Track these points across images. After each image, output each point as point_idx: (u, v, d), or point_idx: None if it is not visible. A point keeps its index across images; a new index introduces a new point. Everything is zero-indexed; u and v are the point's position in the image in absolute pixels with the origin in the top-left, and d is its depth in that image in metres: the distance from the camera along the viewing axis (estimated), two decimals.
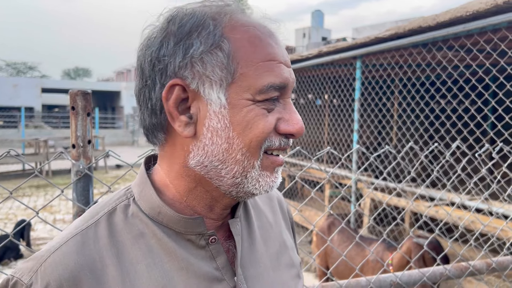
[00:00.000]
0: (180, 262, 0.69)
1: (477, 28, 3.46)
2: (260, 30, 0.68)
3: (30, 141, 14.63)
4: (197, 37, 0.65)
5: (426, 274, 1.84)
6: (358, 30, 26.65)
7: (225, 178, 0.69)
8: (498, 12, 3.26)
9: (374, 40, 4.63)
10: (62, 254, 0.66)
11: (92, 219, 0.71)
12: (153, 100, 0.69)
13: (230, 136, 0.66)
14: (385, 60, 5.04)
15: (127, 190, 0.76)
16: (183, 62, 0.65)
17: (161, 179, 0.74)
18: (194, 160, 0.69)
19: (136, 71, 0.72)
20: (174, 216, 0.70)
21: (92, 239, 0.68)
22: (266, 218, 0.89)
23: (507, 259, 2.01)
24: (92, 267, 0.66)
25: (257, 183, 0.70)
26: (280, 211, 0.94)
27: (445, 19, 3.65)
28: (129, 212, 0.72)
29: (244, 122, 0.66)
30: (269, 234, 0.86)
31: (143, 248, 0.69)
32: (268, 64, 0.66)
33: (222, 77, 0.65)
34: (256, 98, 0.66)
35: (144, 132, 0.74)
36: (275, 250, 0.85)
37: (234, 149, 0.67)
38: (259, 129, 0.66)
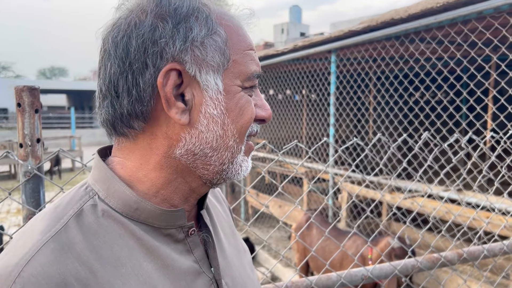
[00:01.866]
0: (163, 260, 0.66)
1: (447, 20, 3.47)
2: (239, 20, 0.70)
3: (3, 143, 14.25)
4: (195, 20, 0.64)
5: (398, 267, 1.82)
6: (336, 25, 26.80)
7: (212, 165, 0.68)
8: (468, 3, 3.27)
9: (348, 33, 4.62)
10: (40, 265, 0.55)
11: (58, 223, 0.61)
12: (140, 86, 0.62)
13: (225, 123, 0.66)
14: (359, 54, 5.04)
15: (86, 188, 0.67)
16: (184, 46, 0.63)
17: (130, 173, 0.68)
18: (183, 149, 0.66)
19: (106, 53, 0.65)
20: (155, 210, 0.66)
21: (67, 245, 0.59)
22: (217, 208, 0.88)
23: (478, 249, 2.01)
24: (77, 276, 0.57)
25: (240, 168, 0.71)
26: (223, 201, 0.94)
27: (417, 10, 3.65)
28: (98, 213, 0.64)
29: (237, 108, 0.67)
30: (224, 224, 0.86)
31: (124, 249, 0.63)
32: (250, 53, 0.69)
33: (219, 63, 0.65)
34: (244, 84, 0.67)
35: (111, 121, 0.66)
36: (231, 239, 0.85)
37: (228, 135, 0.67)
38: (248, 115, 0.68)
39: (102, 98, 0.67)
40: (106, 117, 0.67)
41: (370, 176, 1.94)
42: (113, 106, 0.65)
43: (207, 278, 0.71)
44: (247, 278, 0.81)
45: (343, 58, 5.51)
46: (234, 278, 0.77)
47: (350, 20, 27.72)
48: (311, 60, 5.95)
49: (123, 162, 0.69)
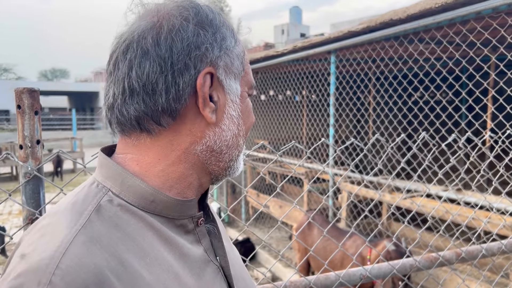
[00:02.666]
0: (179, 249, 0.69)
1: (446, 20, 3.48)
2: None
3: (5, 145, 14.27)
4: (226, 31, 0.72)
5: (396, 266, 1.83)
6: (336, 26, 26.79)
7: (223, 162, 0.75)
8: (466, 4, 3.28)
9: (347, 34, 4.63)
10: (77, 257, 0.56)
11: (80, 218, 0.62)
12: (180, 85, 0.67)
13: (240, 124, 0.75)
14: (358, 54, 5.05)
15: (98, 185, 0.68)
16: (219, 53, 0.70)
17: (145, 169, 0.70)
18: (205, 145, 0.71)
19: (144, 53, 0.66)
20: (171, 201, 0.69)
21: (95, 238, 0.60)
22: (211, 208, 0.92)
23: (477, 248, 2.02)
24: (109, 267, 0.58)
25: (240, 165, 0.79)
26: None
27: (415, 11, 3.66)
28: (116, 207, 0.66)
29: (246, 111, 0.76)
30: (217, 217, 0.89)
31: (145, 241, 0.65)
32: (249, 66, 0.78)
33: (240, 70, 0.74)
34: (249, 92, 0.77)
35: (137, 118, 0.68)
36: (224, 232, 0.88)
37: (240, 135, 0.75)
38: (252, 117, 0.78)
39: (130, 94, 0.67)
40: (134, 114, 0.68)
41: (369, 176, 1.95)
42: (145, 102, 0.67)
43: (214, 266, 0.75)
44: (243, 268, 0.88)
45: (342, 58, 5.52)
46: (234, 266, 0.81)
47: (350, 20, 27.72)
48: (310, 61, 5.96)
49: (138, 158, 0.70)
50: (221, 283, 0.75)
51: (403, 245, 3.43)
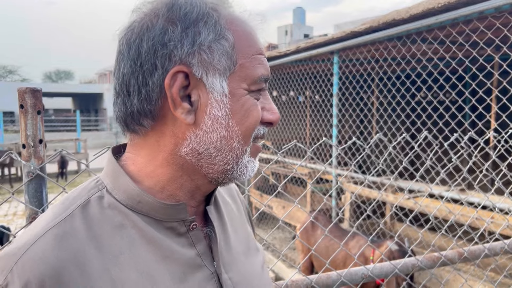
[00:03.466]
0: (163, 251, 0.69)
1: (449, 20, 3.47)
2: (250, 25, 0.71)
3: (10, 146, 14.35)
4: (204, 25, 0.66)
5: (398, 266, 1.83)
6: (340, 26, 26.75)
7: (217, 165, 0.70)
8: (469, 3, 3.27)
9: (350, 35, 4.63)
10: (40, 249, 0.60)
11: (64, 212, 0.66)
12: (149, 86, 0.66)
13: (230, 124, 0.68)
14: (361, 55, 5.05)
15: (97, 182, 0.72)
16: (191, 49, 0.65)
17: (139, 168, 0.71)
18: (189, 147, 0.69)
19: (120, 54, 0.68)
20: (156, 204, 0.69)
21: (70, 233, 0.63)
22: (230, 207, 0.90)
23: (479, 248, 2.02)
24: (74, 261, 0.61)
25: (245, 169, 0.73)
26: (241, 203, 0.96)
27: (418, 11, 3.66)
28: (104, 204, 0.68)
29: (242, 110, 0.69)
30: (236, 221, 0.88)
31: (124, 239, 0.66)
32: (258, 57, 0.70)
33: (226, 66, 0.67)
34: (250, 88, 0.69)
35: (124, 119, 0.70)
36: (242, 236, 0.87)
37: (232, 136, 0.69)
38: (253, 117, 0.70)
39: (116, 96, 0.70)
40: (119, 114, 0.70)
41: (371, 176, 1.95)
42: (124, 104, 0.69)
43: (208, 271, 0.73)
44: (256, 275, 0.83)
45: (345, 59, 5.52)
46: (240, 273, 0.78)
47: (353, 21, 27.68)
48: (313, 61, 5.96)
49: (134, 157, 0.72)
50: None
51: (406, 245, 3.42)
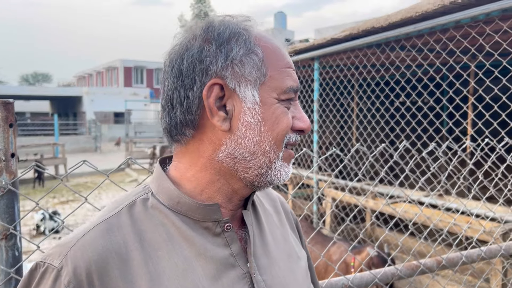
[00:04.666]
0: (198, 249, 0.75)
1: (426, 28, 3.53)
2: (277, 42, 0.80)
3: None
4: (235, 42, 0.75)
5: (378, 275, 1.84)
6: (320, 31, 26.97)
7: (251, 169, 0.77)
8: (446, 13, 3.34)
9: (331, 41, 4.67)
10: (90, 238, 0.71)
11: (113, 210, 0.76)
12: (189, 98, 0.74)
13: (262, 130, 0.75)
14: (341, 61, 5.09)
15: (145, 186, 0.81)
16: (225, 64, 0.73)
17: (181, 173, 0.79)
18: (225, 152, 0.76)
19: (165, 73, 0.78)
20: (193, 204, 0.76)
21: (116, 227, 0.73)
22: (271, 216, 0.95)
23: (457, 256, 2.04)
24: (118, 251, 0.71)
25: (279, 173, 0.79)
26: (284, 212, 1.01)
27: (397, 19, 3.71)
28: (148, 205, 0.77)
29: (273, 117, 0.75)
30: (276, 231, 0.92)
31: (164, 235, 0.74)
32: (287, 70, 0.78)
33: (256, 78, 0.75)
34: (280, 97, 0.76)
35: (169, 130, 0.79)
36: (282, 245, 0.91)
37: (264, 141, 0.75)
38: (284, 124, 0.76)
39: (162, 110, 0.79)
40: (165, 126, 0.80)
41: (350, 182, 1.95)
42: (169, 116, 0.78)
43: (241, 271, 0.78)
44: (292, 281, 0.86)
45: (325, 65, 5.56)
46: (275, 277, 0.82)
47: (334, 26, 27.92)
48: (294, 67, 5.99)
49: (176, 164, 0.81)
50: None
51: (386, 251, 3.45)
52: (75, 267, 0.68)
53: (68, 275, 0.68)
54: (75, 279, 0.67)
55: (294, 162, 2.19)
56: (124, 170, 15.77)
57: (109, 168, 15.69)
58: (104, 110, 33.08)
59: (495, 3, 2.93)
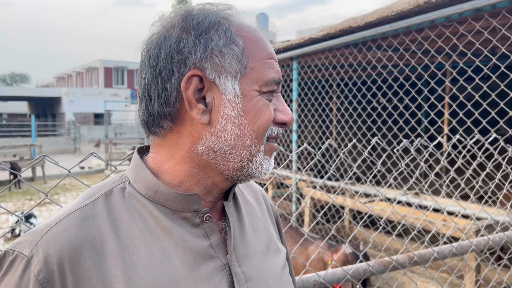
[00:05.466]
0: (175, 239, 0.73)
1: (402, 28, 3.57)
2: (259, 32, 0.77)
3: None
4: (215, 32, 0.72)
5: (350, 271, 1.83)
6: (302, 32, 27.10)
7: (232, 162, 0.75)
8: (421, 12, 3.38)
9: (309, 41, 4.68)
10: (63, 227, 0.68)
11: (89, 199, 0.74)
12: (167, 90, 0.72)
13: (242, 123, 0.73)
14: (319, 61, 5.11)
15: (122, 175, 0.79)
16: (204, 54, 0.71)
17: (158, 165, 0.78)
18: (204, 146, 0.74)
19: (143, 63, 0.76)
20: (171, 193, 0.74)
21: (91, 216, 0.71)
22: (253, 207, 0.94)
23: (428, 252, 2.05)
24: (92, 241, 0.68)
25: (260, 166, 0.77)
26: (265, 205, 0.99)
27: (373, 19, 3.74)
28: (125, 194, 0.75)
29: (254, 110, 0.73)
30: (257, 222, 0.91)
31: (141, 225, 0.73)
32: (269, 61, 0.76)
33: (237, 69, 0.72)
34: (262, 89, 0.74)
35: (146, 122, 0.77)
36: (263, 236, 0.90)
37: (245, 135, 0.73)
38: (265, 117, 0.74)
39: (140, 102, 0.78)
40: (142, 118, 0.78)
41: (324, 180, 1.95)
42: (147, 108, 0.76)
43: (220, 263, 0.77)
44: (272, 274, 0.85)
45: (304, 65, 5.57)
46: (255, 269, 0.81)
47: (316, 27, 28.07)
48: None
49: (154, 156, 0.79)
50: (222, 280, 0.75)
51: (361, 249, 3.46)
52: (46, 257, 0.66)
53: (38, 264, 0.65)
54: (46, 269, 0.65)
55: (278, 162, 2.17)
56: (103, 172, 15.55)
57: (88, 170, 15.46)
58: (84, 111, 32.57)
59: (468, 2, 2.97)
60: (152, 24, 0.78)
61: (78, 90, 34.87)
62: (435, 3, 3.19)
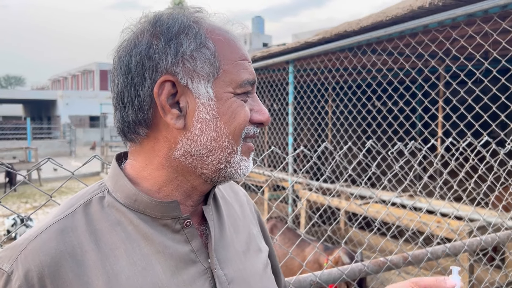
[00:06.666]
0: (157, 246, 0.73)
1: (396, 32, 3.62)
2: (231, 34, 0.77)
3: None
4: (185, 37, 0.72)
5: (345, 271, 1.87)
6: (298, 36, 27.24)
7: (210, 165, 0.75)
8: (414, 17, 3.43)
9: (305, 45, 4.73)
10: (42, 241, 0.68)
11: (68, 210, 0.73)
12: (140, 97, 0.72)
13: (218, 126, 0.73)
14: (315, 64, 5.17)
15: (101, 184, 0.79)
16: (175, 59, 0.71)
17: (137, 172, 0.78)
18: (181, 150, 0.74)
19: (115, 71, 0.75)
20: (150, 202, 0.74)
21: (70, 228, 0.71)
22: (233, 209, 0.94)
23: (422, 252, 2.10)
24: (72, 253, 0.68)
25: (238, 167, 0.77)
26: (247, 206, 1.00)
27: (368, 23, 3.79)
28: (104, 203, 0.75)
29: (229, 112, 0.74)
30: (238, 223, 0.92)
31: (121, 234, 0.72)
32: (242, 63, 0.76)
33: (209, 73, 0.72)
34: (236, 91, 0.74)
35: (122, 129, 0.77)
36: (244, 237, 0.90)
37: (221, 137, 0.74)
38: (241, 118, 0.74)
39: (114, 109, 0.77)
40: (117, 126, 0.77)
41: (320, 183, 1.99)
42: (121, 115, 0.75)
43: (202, 267, 0.77)
44: (255, 275, 0.86)
45: (300, 68, 5.62)
46: (237, 271, 0.82)
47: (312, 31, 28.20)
48: (270, 70, 6.04)
49: (132, 163, 0.79)
50: (204, 284, 0.76)
51: (358, 251, 3.51)
52: (27, 271, 0.65)
53: (19, 280, 0.65)
54: (26, 284, 0.65)
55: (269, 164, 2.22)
56: (99, 175, 15.53)
57: (84, 172, 15.43)
58: (79, 113, 32.52)
59: (460, 8, 3.03)
60: (122, 31, 0.77)
61: (74, 93, 34.82)
62: (429, 9, 3.25)
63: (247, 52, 0.79)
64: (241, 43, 0.78)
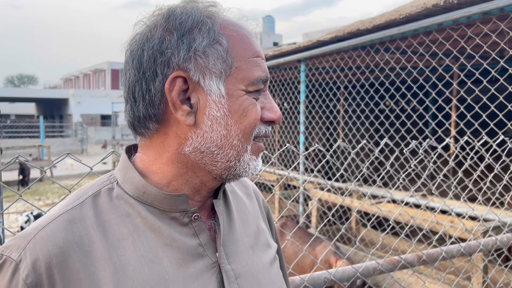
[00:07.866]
0: (164, 239, 0.73)
1: (410, 31, 3.60)
2: (245, 30, 0.76)
3: None
4: (198, 32, 0.71)
5: (359, 269, 1.87)
6: (308, 35, 27.16)
7: (220, 162, 0.74)
8: (429, 15, 3.41)
9: (317, 43, 4.72)
10: (50, 231, 0.68)
11: (77, 200, 0.73)
12: (152, 91, 0.71)
13: (229, 123, 0.72)
14: (327, 63, 5.15)
15: (110, 176, 0.79)
16: (187, 55, 0.70)
17: (146, 165, 0.77)
18: (191, 147, 0.73)
19: (127, 64, 0.74)
20: (159, 194, 0.74)
21: (79, 218, 0.71)
22: (243, 203, 0.93)
23: (437, 251, 2.08)
24: (80, 243, 0.68)
25: (247, 166, 0.76)
26: (256, 200, 0.99)
27: (381, 21, 3.77)
28: (113, 195, 0.75)
29: (240, 110, 0.73)
30: (247, 217, 0.91)
31: (129, 226, 0.72)
32: (255, 60, 0.74)
33: (221, 69, 0.71)
34: (248, 89, 0.73)
35: (132, 123, 0.76)
36: (252, 231, 0.90)
37: (232, 135, 0.73)
38: (252, 116, 0.73)
39: (125, 103, 0.77)
40: (128, 119, 0.77)
41: (334, 182, 1.99)
42: (132, 109, 0.75)
43: (210, 261, 0.77)
44: (262, 269, 0.86)
45: (312, 67, 5.61)
46: (244, 266, 0.81)
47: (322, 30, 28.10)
48: (281, 69, 6.03)
49: (141, 156, 0.79)
50: (211, 278, 0.76)
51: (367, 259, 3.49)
52: (35, 260, 0.66)
53: (26, 268, 0.65)
54: (34, 273, 0.65)
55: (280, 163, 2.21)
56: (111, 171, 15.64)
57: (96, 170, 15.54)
58: (91, 112, 32.81)
59: (476, 6, 3.00)
60: (135, 24, 0.76)
61: (85, 92, 35.15)
62: (443, 7, 3.22)
63: (260, 48, 0.77)
64: (254, 39, 0.77)
